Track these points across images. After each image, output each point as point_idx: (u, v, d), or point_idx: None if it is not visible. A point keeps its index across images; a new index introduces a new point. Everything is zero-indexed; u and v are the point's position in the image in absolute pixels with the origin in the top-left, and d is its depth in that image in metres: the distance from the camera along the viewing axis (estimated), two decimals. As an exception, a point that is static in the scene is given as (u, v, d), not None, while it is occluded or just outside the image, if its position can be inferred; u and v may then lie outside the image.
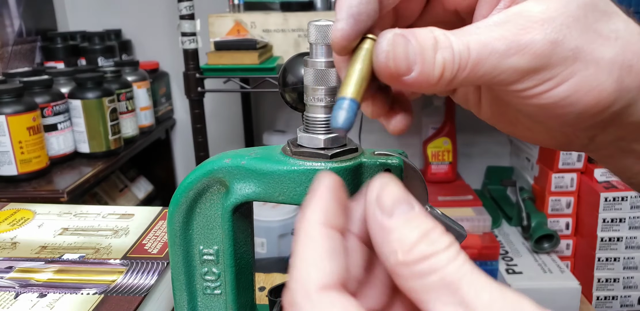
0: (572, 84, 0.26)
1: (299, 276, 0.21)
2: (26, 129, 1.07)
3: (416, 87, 0.25)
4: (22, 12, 1.53)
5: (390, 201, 0.22)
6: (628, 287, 1.34)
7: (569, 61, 0.25)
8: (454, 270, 0.20)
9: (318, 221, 0.22)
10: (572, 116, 0.27)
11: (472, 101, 0.35)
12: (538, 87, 0.26)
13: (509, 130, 0.35)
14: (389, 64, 0.25)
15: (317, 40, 0.31)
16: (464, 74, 0.25)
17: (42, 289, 0.44)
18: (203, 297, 0.40)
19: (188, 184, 0.36)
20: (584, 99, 0.26)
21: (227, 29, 1.32)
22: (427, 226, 0.21)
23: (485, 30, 0.25)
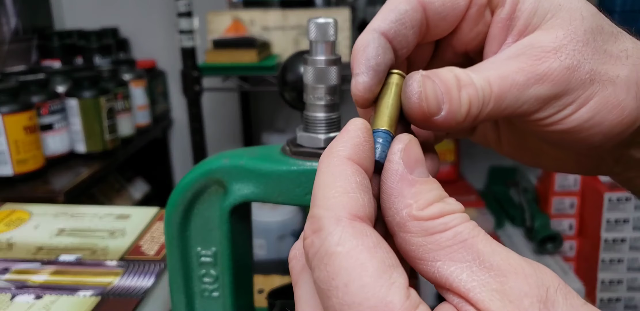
0: (594, 105, 0.26)
1: (329, 203, 0.20)
2: (22, 128, 1.06)
3: (444, 126, 0.26)
4: (18, 10, 1.53)
5: (413, 158, 0.22)
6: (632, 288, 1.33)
7: (587, 83, 0.26)
8: (468, 228, 0.20)
9: (349, 157, 0.22)
10: (598, 138, 0.27)
11: (491, 139, 0.35)
12: (561, 113, 0.26)
13: (534, 162, 0.35)
14: (422, 104, 0.25)
15: (317, 38, 0.31)
16: (488, 108, 0.25)
17: (39, 291, 0.43)
18: (201, 299, 0.39)
19: (185, 184, 0.36)
20: (608, 118, 0.27)
21: (226, 27, 1.32)
22: (443, 193, 0.22)
23: (502, 64, 0.26)
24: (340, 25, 1.28)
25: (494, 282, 0.19)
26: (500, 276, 0.19)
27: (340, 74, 0.32)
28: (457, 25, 0.29)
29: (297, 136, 0.34)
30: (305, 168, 0.32)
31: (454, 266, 0.20)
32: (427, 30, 0.28)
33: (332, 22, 0.31)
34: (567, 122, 0.27)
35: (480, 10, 0.28)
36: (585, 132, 0.27)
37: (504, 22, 0.28)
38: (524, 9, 0.27)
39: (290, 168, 0.32)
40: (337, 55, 0.32)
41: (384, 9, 0.27)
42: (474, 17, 0.28)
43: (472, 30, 0.29)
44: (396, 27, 0.26)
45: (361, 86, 0.26)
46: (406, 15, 0.26)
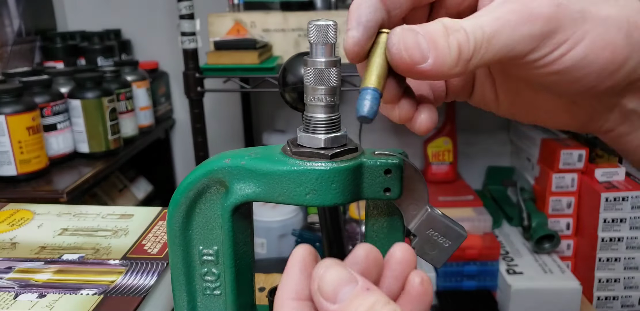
0: (587, 44, 0.27)
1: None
2: (25, 129, 1.07)
3: (435, 74, 0.26)
4: (21, 11, 1.53)
5: (331, 288, 0.24)
6: (629, 287, 1.33)
7: (579, 22, 0.26)
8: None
9: (289, 298, 0.25)
10: (592, 78, 0.28)
11: (489, 98, 0.36)
12: (555, 52, 0.27)
13: (531, 118, 0.36)
14: (402, 55, 0.26)
15: (317, 40, 0.31)
16: (481, 51, 0.26)
17: (42, 289, 0.44)
18: (203, 297, 0.40)
19: (188, 184, 0.36)
20: (601, 56, 0.27)
21: (227, 29, 1.32)
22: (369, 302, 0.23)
23: (495, 8, 0.27)
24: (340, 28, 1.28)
25: None
26: None
27: (340, 76, 0.33)
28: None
29: (298, 137, 0.34)
30: (306, 168, 0.32)
31: None
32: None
33: (332, 24, 0.31)
34: (561, 62, 0.27)
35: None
36: (579, 72, 0.27)
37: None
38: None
39: (290, 168, 0.33)
40: (337, 57, 0.32)
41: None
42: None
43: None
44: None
45: (351, 40, 0.27)
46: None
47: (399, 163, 0.34)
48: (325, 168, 0.32)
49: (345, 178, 0.32)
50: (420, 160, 1.68)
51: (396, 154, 0.34)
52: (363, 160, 0.33)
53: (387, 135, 1.74)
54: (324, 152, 0.33)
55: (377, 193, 0.34)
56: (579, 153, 1.34)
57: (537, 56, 0.27)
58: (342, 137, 0.34)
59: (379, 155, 0.34)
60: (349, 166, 0.33)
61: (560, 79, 0.28)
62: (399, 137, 1.75)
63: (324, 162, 0.32)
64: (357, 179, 0.33)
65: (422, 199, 0.35)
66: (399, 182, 0.34)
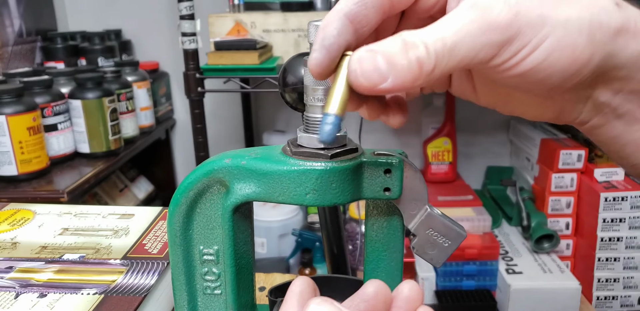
0: (546, 47, 0.27)
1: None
2: (26, 129, 1.07)
3: (398, 89, 0.27)
4: (22, 12, 1.53)
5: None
6: (628, 287, 1.34)
7: (538, 26, 0.27)
8: None
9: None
10: (555, 78, 0.28)
11: (467, 89, 0.37)
12: (515, 57, 0.27)
13: (507, 109, 0.36)
14: (360, 80, 0.27)
15: (317, 40, 0.31)
16: (443, 62, 0.27)
17: (43, 289, 0.44)
18: (203, 297, 0.40)
19: (188, 184, 0.36)
20: (561, 58, 0.27)
21: (227, 29, 1.32)
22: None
23: (456, 18, 0.27)
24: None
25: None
26: None
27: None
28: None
29: (298, 137, 0.34)
30: (306, 168, 0.33)
31: None
32: (391, 5, 0.29)
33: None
34: (522, 66, 0.28)
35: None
36: (542, 73, 0.28)
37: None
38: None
39: (291, 167, 0.33)
40: (336, 57, 0.32)
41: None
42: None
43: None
44: (357, 8, 0.28)
45: (313, 61, 0.28)
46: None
47: (398, 163, 0.34)
48: (325, 168, 0.32)
49: (345, 178, 0.33)
50: (420, 160, 1.68)
51: (396, 154, 0.34)
52: (363, 160, 0.34)
53: (387, 135, 1.75)
54: (324, 152, 0.33)
55: (377, 193, 0.34)
56: (578, 153, 1.34)
57: (498, 62, 0.28)
58: (342, 137, 0.34)
59: (379, 155, 0.34)
60: (349, 166, 0.33)
61: (523, 80, 0.29)
62: (398, 137, 1.75)
63: (324, 162, 0.33)
64: (357, 179, 0.34)
65: (422, 199, 0.35)
66: (398, 182, 0.34)
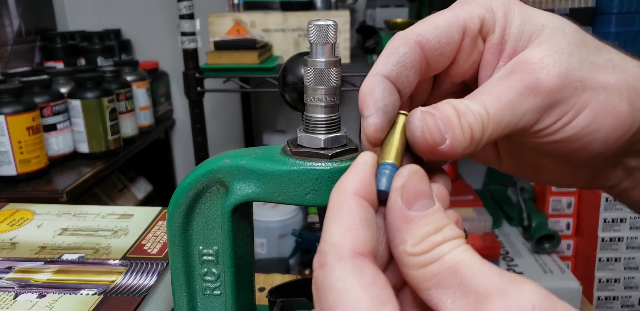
0: (590, 112, 0.27)
1: (334, 240, 0.22)
2: (25, 129, 1.07)
3: (452, 154, 0.26)
4: (21, 12, 1.53)
5: (413, 193, 0.23)
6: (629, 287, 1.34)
7: (579, 90, 0.27)
8: (454, 256, 0.21)
9: (355, 192, 0.23)
10: (596, 145, 0.28)
11: (491, 157, 0.36)
12: (559, 122, 0.27)
13: (534, 177, 0.36)
14: (426, 136, 0.26)
15: (317, 39, 0.31)
16: (489, 131, 0.26)
17: (42, 289, 0.44)
18: (203, 298, 0.40)
19: (187, 184, 0.36)
20: (604, 124, 0.27)
21: (227, 29, 1.32)
22: (441, 223, 0.22)
23: (494, 86, 0.27)
24: (340, 28, 1.28)
25: (471, 308, 0.20)
26: (477, 301, 0.20)
27: (340, 76, 0.33)
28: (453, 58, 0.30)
29: (298, 137, 0.34)
30: (306, 168, 0.32)
31: (442, 293, 0.21)
32: (427, 67, 0.29)
33: (332, 24, 0.31)
34: (565, 131, 0.27)
35: (473, 40, 0.29)
36: (584, 139, 0.28)
37: (496, 47, 0.29)
38: (511, 33, 0.28)
39: (291, 168, 0.33)
40: (337, 57, 0.32)
41: (384, 53, 0.28)
42: (468, 48, 0.29)
43: (467, 60, 0.30)
44: (397, 69, 0.28)
45: (372, 127, 0.27)
46: (406, 57, 0.28)
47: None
48: (325, 168, 0.32)
49: (345, 178, 0.32)
50: (420, 160, 1.68)
51: (396, 154, 0.34)
52: (363, 160, 0.33)
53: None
54: (324, 152, 0.33)
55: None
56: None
57: (541, 127, 0.27)
58: (342, 137, 0.34)
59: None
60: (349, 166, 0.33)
61: (564, 146, 0.28)
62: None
63: (324, 162, 0.32)
64: (357, 179, 0.33)
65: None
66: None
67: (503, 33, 0.28)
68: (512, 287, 0.20)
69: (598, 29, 1.28)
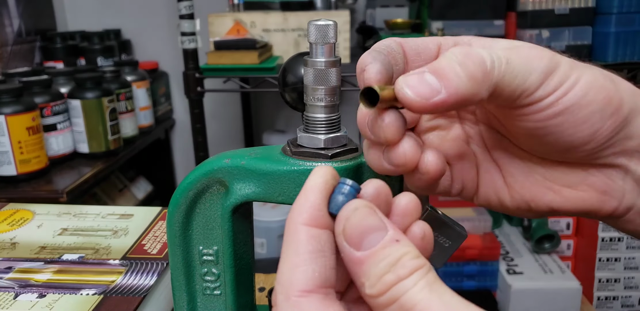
0: (584, 83, 0.28)
1: (282, 280, 0.22)
2: (25, 129, 1.07)
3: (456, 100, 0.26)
4: (21, 12, 1.53)
5: (357, 233, 0.22)
6: (629, 287, 1.33)
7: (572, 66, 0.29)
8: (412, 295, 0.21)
9: (303, 222, 0.23)
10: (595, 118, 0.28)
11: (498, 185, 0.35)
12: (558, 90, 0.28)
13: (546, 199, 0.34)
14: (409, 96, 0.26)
15: (317, 39, 0.31)
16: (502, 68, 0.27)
17: (42, 289, 0.44)
18: (203, 298, 0.40)
19: (187, 184, 0.36)
20: (599, 96, 0.28)
21: (227, 29, 1.32)
22: (396, 255, 0.22)
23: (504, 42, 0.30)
24: (340, 28, 1.28)
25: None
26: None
27: (340, 76, 0.33)
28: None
29: (298, 137, 0.34)
30: (306, 168, 0.32)
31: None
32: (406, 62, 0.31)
33: (332, 24, 0.31)
34: (565, 100, 0.28)
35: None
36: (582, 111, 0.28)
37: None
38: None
39: (290, 168, 0.33)
40: (336, 57, 0.32)
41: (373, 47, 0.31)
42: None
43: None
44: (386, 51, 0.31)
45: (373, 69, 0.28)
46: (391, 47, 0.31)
47: (399, 163, 0.34)
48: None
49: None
50: (420, 160, 1.68)
51: (396, 154, 0.34)
52: (363, 160, 0.33)
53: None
54: (324, 152, 0.33)
55: (377, 193, 0.34)
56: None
57: (543, 93, 0.28)
58: (342, 137, 0.34)
59: (379, 155, 0.34)
60: (349, 166, 0.33)
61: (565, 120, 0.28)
62: (399, 137, 1.75)
63: (324, 162, 0.32)
64: (357, 179, 0.33)
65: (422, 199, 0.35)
66: (398, 182, 0.34)
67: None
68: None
69: (598, 29, 1.28)
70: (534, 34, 1.28)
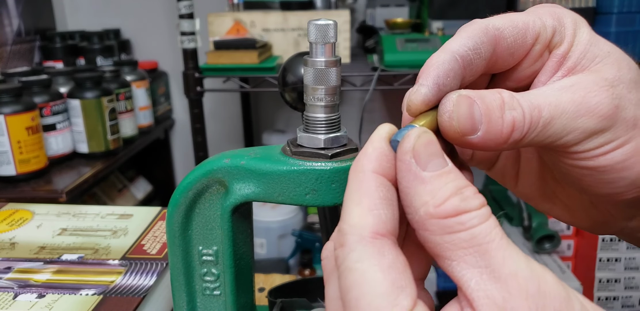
0: (631, 148, 0.27)
1: (354, 221, 0.22)
2: (25, 129, 1.07)
3: (482, 146, 0.26)
4: (21, 11, 1.53)
5: (426, 153, 0.22)
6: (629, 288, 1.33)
7: (630, 125, 0.27)
8: (485, 231, 0.20)
9: (373, 170, 0.23)
10: (624, 183, 0.28)
11: (509, 174, 0.35)
12: (600, 148, 0.27)
13: (545, 207, 0.35)
14: (453, 123, 0.25)
15: (317, 39, 0.31)
16: (534, 133, 0.26)
17: (41, 289, 0.44)
18: (202, 298, 0.39)
19: (187, 184, 0.36)
20: (637, 165, 0.27)
21: (227, 28, 1.32)
22: (460, 183, 0.21)
23: (554, 93, 0.27)
24: (340, 27, 1.28)
25: (498, 297, 0.19)
26: (505, 291, 0.19)
27: (340, 75, 0.33)
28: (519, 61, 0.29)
29: (298, 137, 0.34)
30: (306, 168, 0.32)
31: (466, 269, 0.20)
32: (494, 63, 0.29)
33: (332, 24, 0.31)
34: (601, 160, 0.27)
35: (543, 48, 0.29)
36: (615, 174, 0.27)
37: (559, 58, 0.29)
38: (576, 50, 0.28)
39: (290, 168, 0.33)
40: (337, 56, 0.32)
41: (462, 35, 0.27)
42: (535, 55, 0.29)
43: (530, 67, 0.29)
44: (472, 54, 0.27)
45: (421, 97, 0.26)
46: (482, 46, 0.27)
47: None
48: (325, 168, 0.32)
49: (345, 178, 0.32)
50: (420, 160, 1.68)
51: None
52: (363, 160, 0.33)
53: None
54: (324, 152, 0.33)
55: (378, 193, 0.34)
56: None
57: (582, 149, 0.27)
58: (342, 137, 0.34)
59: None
60: (349, 166, 0.32)
61: (591, 175, 0.28)
62: (398, 137, 1.75)
63: (324, 162, 0.32)
64: (357, 179, 0.33)
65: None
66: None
67: (569, 49, 0.28)
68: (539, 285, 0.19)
69: (598, 29, 1.28)
70: (534, 34, 1.28)
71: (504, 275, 0.19)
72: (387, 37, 1.32)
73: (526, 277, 0.19)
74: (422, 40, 1.28)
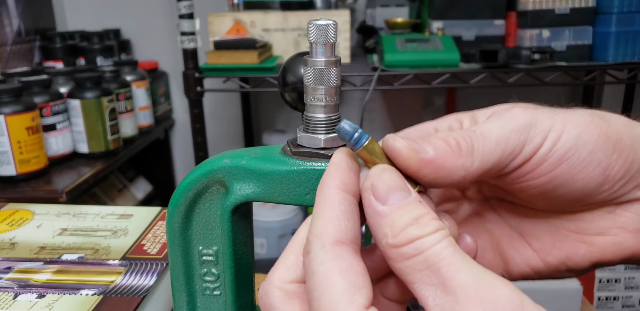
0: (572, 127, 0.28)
1: (317, 231, 0.24)
2: (25, 129, 1.07)
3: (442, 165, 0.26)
4: (21, 11, 1.53)
5: (384, 189, 0.24)
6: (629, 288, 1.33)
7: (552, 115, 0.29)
8: (437, 252, 0.22)
9: (337, 186, 0.25)
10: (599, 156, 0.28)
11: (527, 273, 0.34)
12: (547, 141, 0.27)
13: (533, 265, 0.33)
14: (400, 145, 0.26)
15: (317, 39, 0.31)
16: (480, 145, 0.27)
17: (41, 290, 0.44)
18: (202, 298, 0.39)
19: (187, 184, 0.36)
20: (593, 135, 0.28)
21: (227, 28, 1.32)
22: (418, 212, 0.23)
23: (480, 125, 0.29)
24: (340, 27, 1.28)
25: (449, 307, 0.21)
26: (456, 302, 0.21)
27: (340, 75, 0.33)
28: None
29: (298, 137, 0.34)
30: (306, 168, 0.32)
31: (424, 289, 0.22)
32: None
33: (332, 24, 0.31)
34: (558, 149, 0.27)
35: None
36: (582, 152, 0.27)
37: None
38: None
39: (290, 168, 0.33)
40: (337, 56, 0.32)
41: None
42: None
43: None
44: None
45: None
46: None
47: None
48: (325, 168, 0.32)
49: (345, 178, 0.32)
50: (420, 160, 1.68)
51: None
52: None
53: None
54: (324, 152, 0.33)
55: (378, 193, 0.34)
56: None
57: (532, 149, 0.27)
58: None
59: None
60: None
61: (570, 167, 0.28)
62: (398, 137, 1.75)
63: (324, 162, 0.32)
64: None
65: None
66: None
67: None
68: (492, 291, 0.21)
69: (598, 29, 1.28)
70: (534, 34, 1.28)
71: (453, 287, 0.21)
72: (387, 37, 1.32)
73: (476, 287, 0.21)
74: (422, 40, 1.28)
